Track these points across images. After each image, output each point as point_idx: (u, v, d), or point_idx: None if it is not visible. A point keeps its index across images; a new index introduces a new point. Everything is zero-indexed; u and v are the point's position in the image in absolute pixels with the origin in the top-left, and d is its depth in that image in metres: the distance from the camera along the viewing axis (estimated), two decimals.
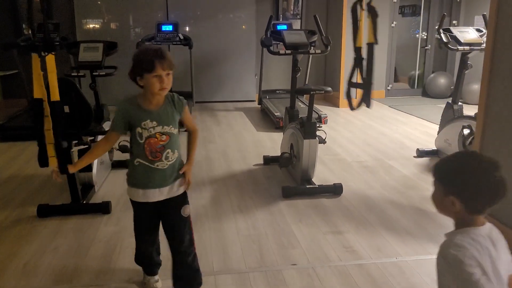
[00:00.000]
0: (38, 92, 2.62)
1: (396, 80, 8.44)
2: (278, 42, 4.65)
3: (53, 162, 2.86)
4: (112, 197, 3.28)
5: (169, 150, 1.92)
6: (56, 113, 2.67)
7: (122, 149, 3.96)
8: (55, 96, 2.64)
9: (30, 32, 6.94)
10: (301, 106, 5.89)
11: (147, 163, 1.90)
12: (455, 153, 1.36)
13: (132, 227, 2.16)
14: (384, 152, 4.58)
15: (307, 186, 3.43)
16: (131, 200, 2.03)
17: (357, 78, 2.79)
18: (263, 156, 4.22)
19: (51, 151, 2.69)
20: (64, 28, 6.59)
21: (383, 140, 5.07)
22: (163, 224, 2.08)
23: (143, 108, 1.88)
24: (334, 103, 7.12)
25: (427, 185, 3.68)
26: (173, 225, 2.05)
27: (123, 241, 2.70)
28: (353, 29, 2.67)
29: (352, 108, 2.82)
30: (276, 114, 5.62)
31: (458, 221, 1.28)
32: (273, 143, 4.88)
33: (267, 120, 6.05)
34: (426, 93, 8.00)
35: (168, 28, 6.15)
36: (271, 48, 4.50)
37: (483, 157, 1.26)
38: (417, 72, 8.37)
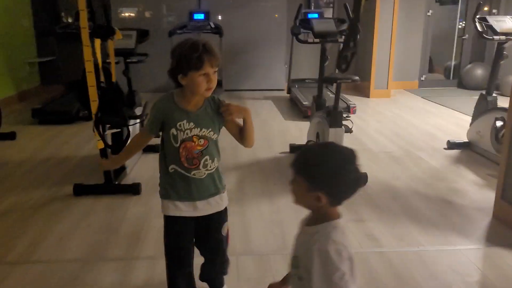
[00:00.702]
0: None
1: (431, 70, 8.25)
2: (308, 31, 4.65)
3: (100, 145, 3.03)
4: (142, 179, 3.39)
5: (207, 157, 1.68)
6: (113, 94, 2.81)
7: None
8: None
9: (68, 20, 7.20)
10: (330, 95, 5.86)
11: (182, 171, 1.68)
12: (312, 146, 1.33)
13: (160, 208, 1.84)
14: (413, 143, 4.53)
15: None
16: (165, 217, 1.79)
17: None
18: (289, 144, 4.26)
19: (97, 135, 2.85)
20: (101, 16, 6.78)
21: (413, 131, 5.01)
22: (199, 245, 1.86)
23: (180, 108, 1.65)
24: (365, 93, 7.04)
25: (456, 177, 3.63)
26: (212, 248, 1.86)
27: (151, 221, 2.81)
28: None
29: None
30: (304, 103, 5.62)
31: (320, 214, 1.25)
32: (300, 132, 4.90)
33: (295, 109, 6.06)
34: (462, 85, 7.79)
35: (200, 16, 6.23)
36: (300, 36, 4.50)
37: (343, 148, 1.23)
38: (453, 63, 8.15)
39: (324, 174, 1.17)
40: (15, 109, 5.96)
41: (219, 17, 7.28)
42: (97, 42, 2.93)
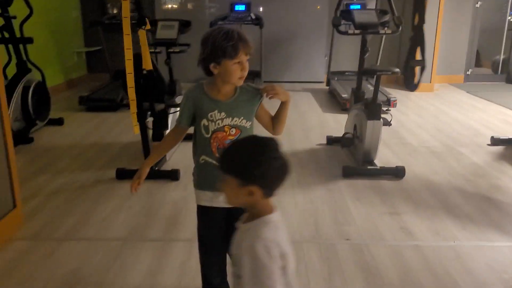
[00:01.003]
0: (147, 64, 2.90)
1: (477, 64, 7.95)
2: (349, 22, 4.60)
3: (136, 130, 3.16)
4: (180, 166, 3.50)
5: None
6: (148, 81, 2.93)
7: None
8: (149, 65, 2.89)
9: (112, 10, 7.43)
10: (370, 88, 5.78)
11: (213, 161, 1.64)
12: (233, 144, 1.28)
13: None
14: (455, 139, 4.42)
15: (368, 167, 3.43)
16: (198, 207, 1.76)
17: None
18: (327, 136, 4.25)
19: (134, 120, 2.96)
20: (144, 7, 6.97)
21: (456, 126, 4.87)
22: (229, 237, 1.67)
23: (210, 98, 1.63)
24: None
25: (498, 173, 3.53)
26: None
27: (189, 205, 2.90)
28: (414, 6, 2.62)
29: (412, 88, 2.78)
30: (343, 95, 5.58)
31: (256, 210, 1.22)
32: (337, 124, 4.87)
33: (334, 101, 6.03)
34: (510, 80, 7.47)
35: (241, 7, 6.28)
36: (341, 28, 4.46)
37: (263, 138, 1.20)
38: (501, 57, 7.82)
39: (251, 167, 1.15)
40: (63, 96, 6.25)
41: (260, 9, 7.31)
42: (141, 32, 3.04)
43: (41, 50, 5.60)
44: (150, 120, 3.44)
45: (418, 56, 6.25)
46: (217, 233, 1.76)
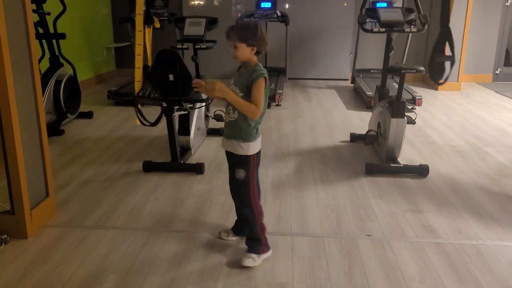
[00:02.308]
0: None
1: (507, 63, 7.76)
2: (374, 20, 4.58)
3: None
4: (205, 160, 3.58)
5: (230, 108, 2.17)
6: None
7: (217, 117, 4.28)
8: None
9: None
10: (395, 86, 5.74)
11: (223, 114, 2.30)
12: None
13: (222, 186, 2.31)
14: (481, 138, 4.36)
15: (392, 165, 3.43)
16: (251, 156, 2.20)
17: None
18: (350, 133, 4.26)
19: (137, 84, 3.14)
20: (173, 4, 7.09)
21: (482, 126, 4.80)
22: None
23: (237, 70, 2.25)
24: (433, 85, 6.81)
25: None
26: (234, 183, 2.34)
27: (213, 198, 2.99)
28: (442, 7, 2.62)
29: (438, 83, 2.79)
30: (368, 93, 5.56)
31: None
32: (362, 121, 4.87)
33: (358, 99, 6.01)
34: None
35: (267, 5, 6.32)
36: (366, 26, 4.45)
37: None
38: None
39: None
40: (92, 90, 6.43)
41: (286, 6, 7.33)
42: (148, 30, 3.15)
43: (72, 46, 5.78)
44: (177, 114, 3.53)
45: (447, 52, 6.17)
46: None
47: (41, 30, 4.57)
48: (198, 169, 3.40)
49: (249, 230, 2.30)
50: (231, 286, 2.08)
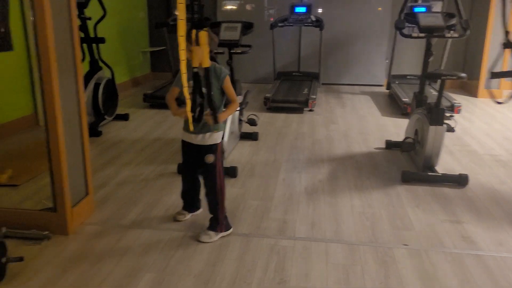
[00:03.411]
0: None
1: None
2: (413, 25, 4.50)
3: (191, 128, 3.29)
4: (238, 163, 3.60)
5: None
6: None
7: (251, 122, 4.30)
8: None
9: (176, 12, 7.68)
10: (432, 93, 5.62)
11: None
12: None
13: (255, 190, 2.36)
14: None
15: (429, 173, 3.35)
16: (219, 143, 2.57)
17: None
18: (386, 140, 4.19)
19: (190, 118, 3.09)
20: (208, 9, 7.19)
21: None
22: None
23: None
24: (472, 93, 6.61)
25: None
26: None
27: (246, 202, 2.99)
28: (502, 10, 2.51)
29: (497, 102, 2.68)
30: (404, 99, 5.46)
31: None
32: (397, 128, 4.79)
33: (394, 105, 5.91)
34: None
35: (302, 9, 6.31)
36: (404, 31, 4.37)
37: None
38: None
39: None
40: (128, 93, 6.58)
41: (319, 10, 7.30)
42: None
43: (110, 49, 5.94)
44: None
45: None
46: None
47: (82, 34, 4.72)
48: (231, 172, 3.42)
49: (213, 210, 2.57)
50: None
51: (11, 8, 4.36)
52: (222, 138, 2.61)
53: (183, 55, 2.12)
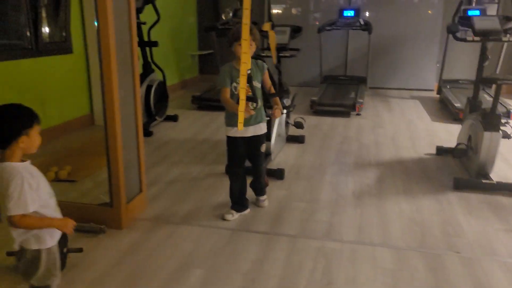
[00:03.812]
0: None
1: None
2: (467, 29, 4.38)
3: (240, 127, 3.35)
4: (285, 165, 3.62)
5: (253, 104, 2.62)
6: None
7: (297, 125, 4.32)
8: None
9: (225, 17, 7.87)
10: (487, 98, 5.42)
11: None
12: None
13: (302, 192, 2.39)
14: None
15: (483, 181, 3.24)
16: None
17: None
18: (436, 146, 4.09)
19: (241, 117, 3.14)
20: (255, 13, 7.27)
21: None
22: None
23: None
24: None
25: None
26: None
27: (292, 203, 3.02)
28: None
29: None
30: (456, 105, 5.30)
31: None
32: (448, 134, 4.65)
33: (445, 110, 5.74)
34: None
35: (350, 13, 6.27)
36: (457, 34, 4.26)
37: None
38: None
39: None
40: (177, 95, 6.77)
41: (366, 13, 7.21)
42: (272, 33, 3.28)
43: (161, 53, 6.14)
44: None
45: None
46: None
47: (136, 39, 4.91)
48: (278, 174, 3.46)
49: (262, 186, 2.95)
50: None
51: (72, 13, 4.62)
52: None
53: (245, 57, 2.19)
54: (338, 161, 3.90)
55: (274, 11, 7.68)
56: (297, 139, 4.37)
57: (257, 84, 2.64)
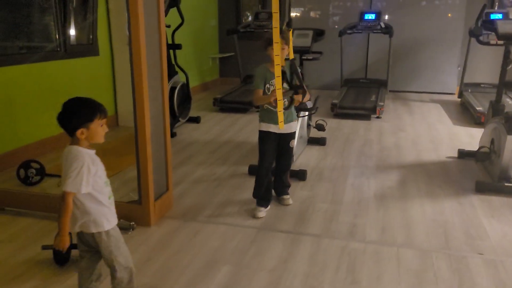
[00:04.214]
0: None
1: None
2: (490, 32, 4.37)
3: (281, 126, 3.41)
4: (306, 167, 3.67)
5: (285, 100, 2.75)
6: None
7: (319, 127, 4.37)
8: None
9: (244, 20, 7.95)
10: (509, 102, 5.38)
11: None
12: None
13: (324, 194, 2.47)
14: None
15: (506, 184, 3.24)
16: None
17: None
18: (458, 149, 4.09)
19: (281, 117, 3.21)
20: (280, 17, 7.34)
21: None
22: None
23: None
24: None
25: None
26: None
27: (315, 204, 3.07)
28: None
29: None
30: (477, 108, 5.27)
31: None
32: (470, 138, 4.64)
33: (466, 114, 5.72)
34: None
35: (371, 16, 6.29)
36: (481, 38, 4.26)
37: None
38: None
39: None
40: (198, 97, 6.88)
41: (386, 17, 7.22)
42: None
43: (183, 55, 6.25)
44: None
45: None
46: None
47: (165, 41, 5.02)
48: (301, 175, 3.51)
49: (286, 184, 3.08)
50: None
51: (98, 17, 4.76)
52: None
53: (278, 60, 2.27)
54: (360, 164, 3.93)
55: (293, 14, 7.74)
56: (319, 141, 4.41)
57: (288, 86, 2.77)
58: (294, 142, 2.99)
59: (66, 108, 1.74)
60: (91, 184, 1.73)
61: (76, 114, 1.73)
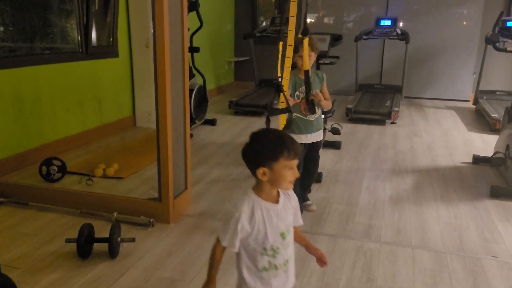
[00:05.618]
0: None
1: None
2: (507, 39, 4.39)
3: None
4: (322, 169, 3.71)
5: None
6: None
7: (334, 131, 4.42)
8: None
9: (262, 24, 8.02)
10: None
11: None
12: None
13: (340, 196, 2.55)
14: None
15: None
16: None
17: None
18: (473, 155, 4.10)
19: (283, 120, 3.27)
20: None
21: None
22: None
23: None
24: None
25: None
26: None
27: (331, 206, 3.12)
28: None
29: None
30: (492, 115, 5.28)
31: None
32: (485, 144, 4.65)
33: (481, 121, 5.72)
34: None
35: (387, 22, 6.33)
36: (497, 45, 4.28)
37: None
38: None
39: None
40: (214, 100, 6.96)
41: (401, 23, 7.24)
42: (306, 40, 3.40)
43: (199, 58, 6.35)
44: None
45: None
46: None
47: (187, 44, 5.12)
48: (317, 177, 3.55)
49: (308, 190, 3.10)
50: None
51: (119, 19, 4.88)
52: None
53: (288, 62, 2.33)
54: (375, 167, 3.97)
55: (308, 19, 7.80)
56: (334, 145, 4.46)
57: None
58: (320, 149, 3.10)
59: (252, 140, 1.43)
60: (237, 243, 1.41)
61: (257, 152, 1.39)
